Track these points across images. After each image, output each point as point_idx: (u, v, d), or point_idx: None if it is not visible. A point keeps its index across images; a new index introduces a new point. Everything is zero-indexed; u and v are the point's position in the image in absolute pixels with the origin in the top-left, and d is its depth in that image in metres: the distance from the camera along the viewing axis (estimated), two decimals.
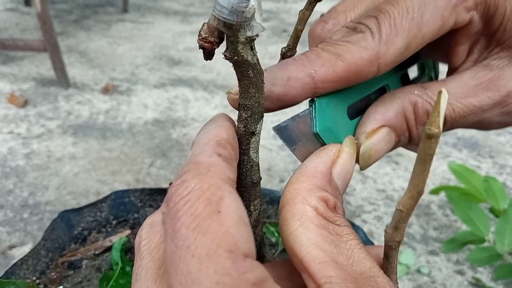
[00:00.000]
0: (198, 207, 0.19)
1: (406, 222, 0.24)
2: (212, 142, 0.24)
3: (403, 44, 0.28)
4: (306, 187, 0.25)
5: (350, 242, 0.24)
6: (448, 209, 1.56)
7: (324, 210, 0.24)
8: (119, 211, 0.55)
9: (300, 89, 0.27)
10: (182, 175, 0.21)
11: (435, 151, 0.22)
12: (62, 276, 0.47)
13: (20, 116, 1.92)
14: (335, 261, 0.22)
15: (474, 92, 0.30)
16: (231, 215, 0.20)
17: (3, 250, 1.23)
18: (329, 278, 0.21)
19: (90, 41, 3.00)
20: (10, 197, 1.43)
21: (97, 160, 1.65)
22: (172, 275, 0.18)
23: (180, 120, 2.00)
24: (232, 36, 0.22)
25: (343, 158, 0.28)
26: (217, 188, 0.20)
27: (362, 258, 0.23)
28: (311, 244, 0.23)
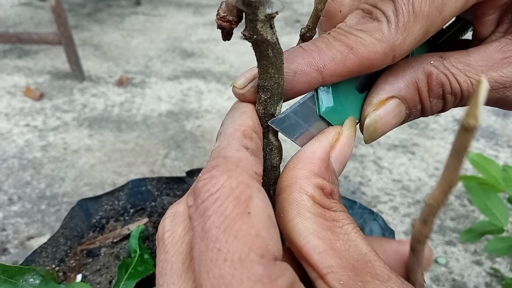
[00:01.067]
0: (228, 207, 0.19)
1: (436, 216, 0.24)
2: (238, 133, 0.24)
3: (421, 32, 0.26)
4: (303, 174, 0.25)
5: (346, 227, 0.24)
6: (466, 199, 1.54)
7: (321, 197, 0.24)
8: (137, 200, 0.55)
9: (307, 84, 0.26)
10: (211, 170, 0.21)
11: (470, 144, 0.20)
12: (81, 264, 0.48)
13: (36, 109, 1.94)
14: (333, 248, 0.22)
15: (498, 66, 0.28)
16: (260, 217, 0.19)
17: (21, 241, 1.25)
18: (330, 267, 0.22)
19: (103, 34, 3.01)
20: (27, 189, 1.45)
21: (112, 152, 1.66)
22: (203, 277, 0.18)
23: (193, 112, 2.00)
24: (251, 14, 0.21)
25: (341, 142, 0.27)
26: (246, 186, 0.20)
27: (358, 242, 0.23)
28: (309, 234, 0.23)
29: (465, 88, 0.28)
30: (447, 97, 0.28)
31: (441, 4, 0.25)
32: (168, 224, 0.24)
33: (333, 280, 0.21)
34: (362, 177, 1.61)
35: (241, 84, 0.26)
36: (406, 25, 0.25)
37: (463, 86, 0.27)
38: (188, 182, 0.59)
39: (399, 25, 0.25)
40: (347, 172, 1.62)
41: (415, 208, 1.47)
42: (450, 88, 0.28)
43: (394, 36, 0.25)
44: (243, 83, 0.27)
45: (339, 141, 0.27)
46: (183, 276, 0.21)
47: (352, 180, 1.59)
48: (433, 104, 0.29)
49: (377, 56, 0.25)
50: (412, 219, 0.25)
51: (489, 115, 2.11)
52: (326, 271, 0.21)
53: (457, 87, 0.27)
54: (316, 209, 0.24)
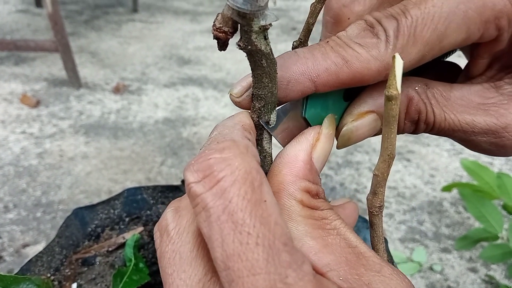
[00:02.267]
0: (248, 191, 0.19)
1: (384, 187, 0.26)
2: (238, 126, 0.25)
3: (418, 56, 0.26)
4: (289, 180, 0.25)
5: (334, 223, 0.25)
6: (461, 206, 1.54)
7: (308, 200, 0.25)
8: (132, 208, 0.56)
9: (300, 92, 0.27)
10: (222, 151, 0.20)
11: (398, 112, 0.23)
12: (76, 273, 0.48)
13: (32, 116, 1.94)
14: (326, 245, 0.23)
15: (474, 110, 0.28)
16: (274, 205, 0.20)
17: (17, 249, 1.25)
18: (328, 266, 0.22)
19: (100, 41, 3.02)
20: (23, 196, 1.45)
21: (108, 159, 1.66)
22: (234, 259, 0.18)
23: (190, 119, 2.00)
24: (246, 25, 0.22)
25: (322, 141, 0.27)
26: (257, 172, 0.20)
27: (348, 235, 0.24)
28: (303, 236, 0.23)
29: (438, 122, 0.28)
30: (420, 124, 0.29)
31: (442, 34, 0.26)
32: (171, 217, 0.24)
33: (334, 277, 0.22)
34: (358, 184, 1.61)
35: (237, 93, 0.27)
36: (404, 47, 0.26)
37: (437, 119, 0.28)
38: (184, 190, 0.59)
39: (397, 46, 0.26)
40: (343, 179, 1.63)
41: (410, 215, 1.48)
42: (425, 117, 0.28)
43: (390, 56, 0.26)
44: (239, 91, 0.27)
45: (320, 141, 0.27)
46: (193, 263, 0.22)
47: (348, 187, 1.59)
48: (406, 126, 0.30)
49: (370, 72, 0.26)
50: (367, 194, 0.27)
51: None
52: (325, 270, 0.22)
53: (431, 118, 0.28)
54: (305, 212, 0.24)
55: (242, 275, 0.18)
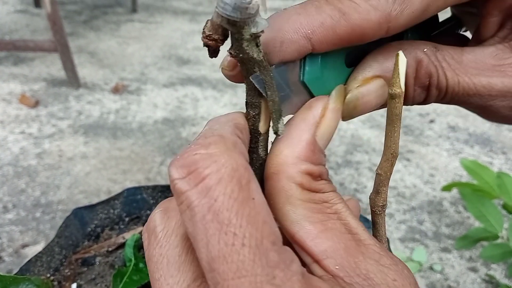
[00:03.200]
0: (234, 190, 0.18)
1: (387, 186, 0.25)
2: (231, 123, 0.23)
3: (421, 6, 0.24)
4: (290, 161, 0.24)
5: (335, 206, 0.24)
6: (461, 205, 1.54)
7: (309, 183, 0.24)
8: (132, 208, 0.55)
9: (296, 53, 0.24)
10: (208, 146, 0.20)
11: (401, 110, 0.22)
12: (76, 273, 0.48)
13: (31, 116, 1.94)
14: (325, 230, 0.22)
15: (489, 72, 0.26)
16: (261, 203, 0.19)
17: (16, 249, 1.25)
18: (325, 253, 0.22)
19: (99, 41, 3.01)
20: (22, 196, 1.45)
21: (108, 159, 1.66)
22: (219, 261, 0.17)
23: (189, 119, 2.00)
24: (237, 33, 0.21)
25: (328, 118, 0.25)
26: (245, 170, 0.19)
27: (349, 220, 0.23)
28: (300, 220, 0.23)
29: (451, 85, 0.26)
30: (432, 90, 0.27)
31: None
32: (159, 218, 0.23)
33: (330, 265, 0.21)
34: (358, 184, 1.61)
35: (229, 65, 0.25)
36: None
37: (450, 83, 0.26)
38: None
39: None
40: (342, 179, 1.63)
41: (410, 215, 1.48)
42: (437, 81, 0.27)
43: (391, 5, 0.24)
44: (230, 64, 0.25)
45: (325, 117, 0.25)
46: (181, 268, 0.21)
47: (347, 187, 1.59)
48: (416, 93, 0.28)
49: (370, 24, 0.24)
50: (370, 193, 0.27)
51: (484, 122, 2.13)
52: (322, 257, 0.21)
53: (444, 82, 0.26)
54: (305, 195, 0.23)
55: (227, 277, 0.17)
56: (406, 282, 0.21)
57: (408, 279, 0.22)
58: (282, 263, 0.18)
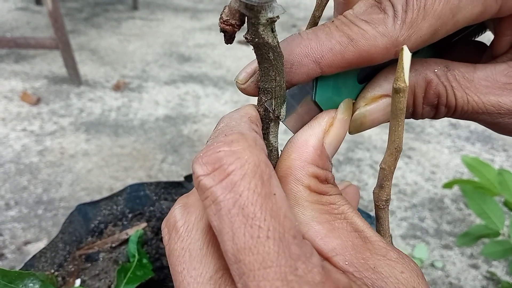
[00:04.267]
0: (258, 185, 0.19)
1: (391, 180, 0.26)
2: (245, 118, 0.24)
3: (429, 31, 0.24)
4: (298, 165, 0.25)
5: (342, 208, 0.25)
6: (462, 203, 1.54)
7: (316, 185, 0.25)
8: (135, 204, 0.56)
9: (305, 75, 0.26)
10: (231, 144, 0.20)
11: (405, 105, 0.23)
12: (79, 269, 0.48)
13: (33, 114, 1.94)
14: (333, 230, 0.23)
15: (499, 91, 0.26)
16: (283, 198, 0.20)
17: (18, 246, 1.25)
18: (334, 250, 0.23)
19: (100, 39, 3.01)
20: (24, 193, 1.45)
21: (109, 157, 1.66)
22: (245, 252, 0.18)
23: (191, 116, 2.00)
24: (254, 18, 0.22)
25: (335, 127, 0.27)
26: (266, 165, 0.20)
27: (355, 220, 0.24)
28: (309, 221, 0.24)
29: (460, 105, 0.27)
30: (441, 108, 0.28)
31: (456, 7, 0.24)
32: (179, 214, 0.24)
33: (340, 262, 0.22)
34: (359, 181, 1.61)
35: (242, 80, 0.27)
36: (413, 21, 0.24)
37: (459, 102, 0.27)
38: (187, 186, 0.59)
39: (406, 21, 0.24)
40: (343, 176, 1.63)
41: (411, 212, 1.48)
42: (446, 101, 0.27)
43: (398, 31, 0.24)
44: (244, 78, 0.27)
45: (333, 126, 0.27)
46: (203, 261, 0.22)
47: None
48: (425, 110, 0.28)
49: (377, 50, 0.25)
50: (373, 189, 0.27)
51: None
52: (331, 254, 0.22)
53: (453, 101, 0.27)
54: (312, 197, 0.25)
55: (253, 268, 0.18)
56: (413, 273, 0.22)
57: (415, 271, 0.22)
58: (303, 256, 0.18)
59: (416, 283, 0.22)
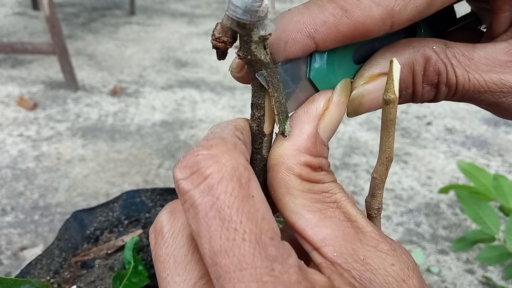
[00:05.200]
0: (235, 188, 0.19)
1: (382, 189, 0.26)
2: (230, 126, 0.24)
3: (425, 0, 0.24)
4: (289, 153, 0.25)
5: (335, 196, 0.25)
6: (458, 208, 1.55)
7: (308, 174, 0.24)
8: (131, 211, 0.56)
9: (300, 52, 0.25)
10: (209, 148, 0.20)
11: (396, 116, 0.23)
12: (75, 276, 0.48)
13: (29, 119, 1.94)
14: (324, 219, 0.23)
15: (501, 68, 0.26)
16: (261, 200, 0.20)
17: (14, 252, 1.25)
18: (324, 240, 0.23)
19: (98, 44, 3.02)
20: (20, 199, 1.45)
21: (106, 162, 1.66)
22: (221, 255, 0.18)
23: (187, 121, 2.00)
24: (246, 35, 0.22)
25: (331, 110, 0.26)
26: (245, 169, 0.20)
27: (348, 209, 0.24)
28: (300, 210, 0.24)
29: (461, 83, 0.26)
30: (441, 87, 0.27)
31: None
32: (166, 219, 0.24)
33: (328, 252, 0.22)
34: (355, 186, 1.62)
35: (237, 67, 0.26)
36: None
37: (459, 80, 0.26)
38: None
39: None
40: (340, 181, 1.63)
41: (408, 217, 1.48)
42: (446, 79, 0.26)
43: (394, 1, 0.23)
44: (239, 66, 0.26)
45: (329, 110, 0.26)
46: (187, 267, 0.22)
47: (345, 189, 1.59)
48: (425, 91, 0.27)
49: (373, 21, 0.24)
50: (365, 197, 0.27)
51: (480, 124, 2.14)
52: (320, 245, 0.22)
53: (453, 80, 0.26)
54: (304, 186, 0.24)
55: (229, 270, 0.18)
56: (403, 266, 0.22)
57: (406, 263, 0.22)
58: (280, 257, 0.18)
59: (406, 276, 0.22)
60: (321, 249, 0.22)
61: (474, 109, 2.29)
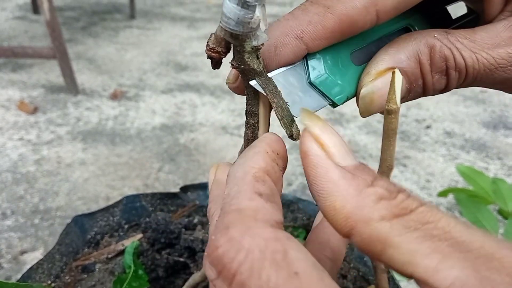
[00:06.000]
0: (271, 274, 0.16)
1: None
2: (248, 177, 0.21)
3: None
4: (354, 207, 0.19)
5: (440, 223, 0.18)
6: (457, 211, 1.55)
7: (391, 210, 0.18)
8: (131, 216, 0.56)
9: (292, 54, 0.25)
10: (227, 231, 0.18)
11: (397, 125, 0.23)
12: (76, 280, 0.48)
13: (30, 123, 1.95)
14: (443, 259, 0.17)
15: (506, 43, 0.25)
16: (309, 271, 0.16)
17: (14, 256, 1.25)
18: (454, 286, 0.16)
19: (98, 48, 3.03)
20: (21, 203, 1.45)
21: (106, 166, 1.67)
22: None
23: (187, 125, 2.01)
24: (239, 46, 0.23)
25: (326, 134, 0.21)
26: (275, 241, 0.17)
27: (461, 234, 0.18)
28: (410, 259, 0.18)
29: (470, 64, 0.25)
30: (451, 73, 0.26)
31: None
32: None
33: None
34: None
35: (232, 79, 0.27)
36: None
37: (468, 62, 0.25)
38: (182, 197, 0.60)
39: None
40: None
41: None
42: (454, 63, 0.26)
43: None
44: (233, 77, 0.27)
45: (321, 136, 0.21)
46: None
47: None
48: (435, 80, 0.26)
49: (356, 11, 0.23)
50: None
51: (479, 128, 2.14)
52: None
53: (462, 62, 0.25)
54: (399, 228, 0.18)
55: None
56: None
57: None
58: None
59: None
60: None
61: (473, 113, 2.30)
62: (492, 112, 2.33)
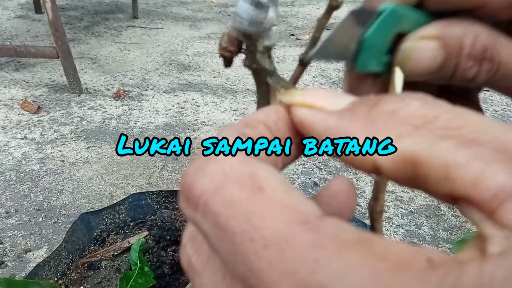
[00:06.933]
0: (234, 193, 0.15)
1: (384, 192, 0.27)
2: (238, 124, 0.19)
3: None
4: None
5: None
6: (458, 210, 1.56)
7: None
8: (137, 213, 0.57)
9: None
10: (195, 161, 0.18)
11: None
12: (82, 277, 0.49)
13: (33, 122, 1.96)
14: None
15: None
16: (274, 186, 0.16)
17: (18, 254, 1.26)
18: (500, 193, 0.14)
19: (101, 47, 3.03)
20: (25, 201, 1.46)
21: (110, 164, 1.67)
22: (255, 282, 0.14)
23: (190, 124, 2.02)
24: (251, 45, 0.23)
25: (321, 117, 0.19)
26: (242, 164, 0.16)
27: None
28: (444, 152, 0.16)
29: (505, 61, 0.24)
30: (484, 64, 0.25)
31: None
32: (191, 248, 0.20)
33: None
34: (357, 189, 1.63)
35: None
36: None
37: (504, 58, 0.24)
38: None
39: None
40: None
41: (408, 219, 1.49)
42: (492, 54, 0.25)
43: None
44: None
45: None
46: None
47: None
48: (467, 66, 0.25)
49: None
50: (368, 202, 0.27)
51: None
52: (497, 203, 0.14)
53: (497, 56, 0.25)
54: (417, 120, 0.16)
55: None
56: None
57: None
58: (327, 238, 0.13)
59: None
60: (498, 211, 0.14)
61: None
62: (494, 111, 2.33)
